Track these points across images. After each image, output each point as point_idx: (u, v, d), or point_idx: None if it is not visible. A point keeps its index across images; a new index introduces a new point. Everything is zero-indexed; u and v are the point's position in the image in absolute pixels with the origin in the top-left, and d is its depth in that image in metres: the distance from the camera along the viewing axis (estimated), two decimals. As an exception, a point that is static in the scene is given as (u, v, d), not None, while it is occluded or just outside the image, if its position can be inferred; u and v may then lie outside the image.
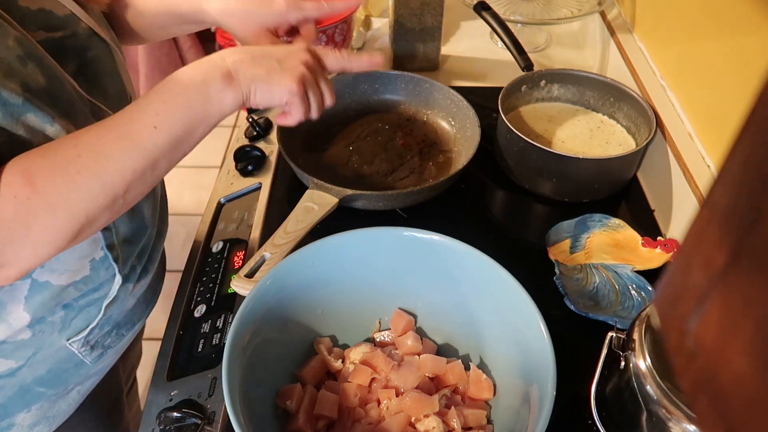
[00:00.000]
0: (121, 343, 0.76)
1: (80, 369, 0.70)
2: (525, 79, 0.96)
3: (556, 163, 0.85)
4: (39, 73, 0.53)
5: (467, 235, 0.64)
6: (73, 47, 0.60)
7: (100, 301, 0.68)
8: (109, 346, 0.73)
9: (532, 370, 0.56)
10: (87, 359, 0.70)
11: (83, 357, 0.70)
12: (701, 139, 0.80)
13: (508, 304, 0.60)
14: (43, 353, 0.66)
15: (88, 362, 0.71)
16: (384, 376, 0.62)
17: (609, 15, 1.13)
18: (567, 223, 0.83)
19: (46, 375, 0.67)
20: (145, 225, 0.71)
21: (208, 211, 0.90)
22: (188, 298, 0.78)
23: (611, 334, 0.56)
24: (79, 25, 0.61)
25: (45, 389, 0.68)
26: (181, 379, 0.69)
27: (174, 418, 0.64)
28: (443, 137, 0.97)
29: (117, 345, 0.75)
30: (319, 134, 0.97)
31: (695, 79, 0.83)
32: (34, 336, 0.64)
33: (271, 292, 0.61)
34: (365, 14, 1.28)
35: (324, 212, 0.77)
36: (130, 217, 0.67)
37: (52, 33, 0.58)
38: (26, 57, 0.52)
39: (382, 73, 1.00)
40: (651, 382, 0.49)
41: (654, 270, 0.76)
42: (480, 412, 0.60)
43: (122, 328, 0.74)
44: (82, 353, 0.69)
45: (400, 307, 0.68)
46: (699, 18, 0.82)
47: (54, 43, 0.58)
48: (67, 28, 0.60)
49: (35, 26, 0.56)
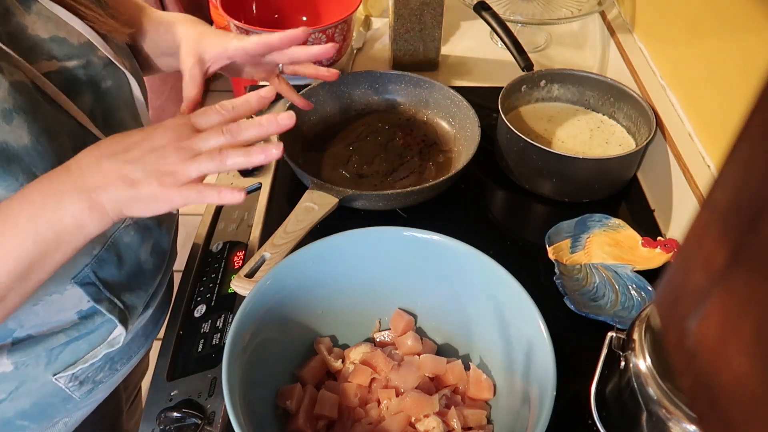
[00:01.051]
0: (114, 378, 0.73)
1: (67, 404, 0.68)
2: (525, 79, 0.96)
3: (556, 163, 0.85)
4: (25, 128, 0.50)
5: (467, 235, 0.64)
6: (87, 77, 0.58)
7: (94, 339, 0.66)
8: (101, 381, 0.71)
9: (532, 370, 0.56)
10: (75, 394, 0.68)
11: (71, 392, 0.67)
12: (701, 139, 0.80)
13: (508, 304, 0.60)
14: (26, 387, 0.63)
15: (76, 397, 0.68)
16: (384, 376, 0.62)
17: (609, 15, 1.13)
18: (567, 223, 0.82)
19: (30, 409, 0.65)
20: (141, 268, 0.68)
21: (208, 211, 0.90)
22: (188, 298, 0.78)
23: (611, 334, 0.56)
24: (95, 53, 0.59)
25: (27, 422, 0.66)
26: (181, 379, 0.69)
27: (174, 418, 0.64)
28: (443, 137, 0.97)
29: (110, 380, 0.72)
30: (319, 134, 0.97)
31: (695, 79, 0.83)
32: (17, 369, 0.61)
33: (271, 292, 0.61)
34: (365, 14, 1.28)
35: (324, 212, 0.77)
36: (119, 265, 0.64)
37: (65, 62, 0.56)
38: (13, 111, 0.49)
39: (382, 73, 1.00)
40: (651, 382, 0.49)
41: (654, 270, 0.76)
42: (480, 412, 0.60)
43: (116, 363, 0.71)
44: (69, 388, 0.67)
45: (400, 307, 0.68)
46: (699, 18, 0.82)
47: (67, 73, 0.56)
48: (82, 57, 0.57)
49: (47, 55, 0.54)
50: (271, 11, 1.13)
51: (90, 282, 0.61)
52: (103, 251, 0.62)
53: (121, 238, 0.64)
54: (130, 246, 0.66)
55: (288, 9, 1.15)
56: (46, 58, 0.54)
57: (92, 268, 0.61)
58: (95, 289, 0.62)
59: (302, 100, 0.84)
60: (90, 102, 0.59)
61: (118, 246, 0.64)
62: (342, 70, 1.12)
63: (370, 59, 1.18)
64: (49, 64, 0.54)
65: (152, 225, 0.70)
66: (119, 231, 0.64)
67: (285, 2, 1.14)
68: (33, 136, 0.51)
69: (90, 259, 0.61)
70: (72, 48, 0.57)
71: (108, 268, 0.63)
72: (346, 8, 1.03)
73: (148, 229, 0.69)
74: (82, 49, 0.58)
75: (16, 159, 0.50)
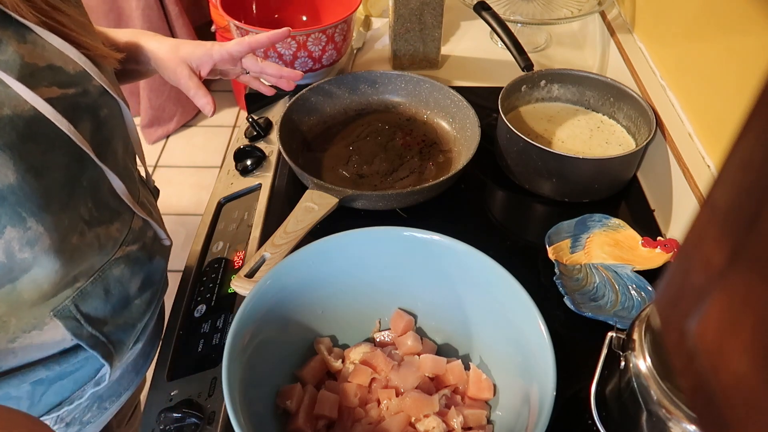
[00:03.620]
0: (103, 417, 0.71)
1: None
2: (525, 79, 0.96)
3: (556, 163, 0.85)
4: (11, 166, 0.50)
5: (467, 235, 0.64)
6: (86, 105, 0.58)
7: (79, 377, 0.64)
8: (89, 422, 0.69)
9: (532, 370, 0.56)
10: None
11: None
12: (701, 139, 0.80)
13: (508, 304, 0.60)
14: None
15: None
16: (384, 376, 0.62)
17: (609, 15, 1.13)
18: (567, 223, 0.82)
19: None
20: (129, 303, 0.67)
21: (208, 211, 0.90)
22: (188, 298, 0.78)
23: (611, 334, 0.56)
24: (90, 83, 0.59)
25: None
26: (181, 379, 0.69)
27: (174, 418, 0.64)
28: (443, 137, 0.97)
29: (99, 419, 0.70)
30: (319, 134, 0.98)
31: (695, 79, 0.83)
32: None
33: (271, 292, 0.61)
34: (365, 14, 1.28)
35: (324, 212, 0.77)
36: (105, 299, 0.63)
37: (65, 90, 0.56)
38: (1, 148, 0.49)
39: (382, 73, 1.00)
40: (651, 382, 0.49)
41: (654, 270, 0.76)
42: (480, 412, 0.60)
43: (105, 402, 0.70)
44: (55, 429, 0.65)
45: (400, 307, 0.68)
46: (699, 18, 0.82)
47: (69, 100, 0.56)
48: (79, 86, 0.57)
49: (47, 81, 0.54)
50: (271, 11, 1.13)
51: (70, 316, 0.60)
52: (88, 284, 0.61)
53: (111, 272, 0.63)
54: (119, 280, 0.65)
55: (288, 9, 1.15)
56: (47, 84, 0.54)
57: (74, 302, 0.60)
58: (76, 323, 0.61)
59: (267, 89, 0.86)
60: (90, 129, 0.58)
61: (106, 280, 0.63)
62: (342, 70, 1.12)
63: (370, 59, 1.18)
64: (49, 90, 0.54)
65: (143, 258, 0.69)
66: (108, 263, 0.63)
67: (285, 2, 1.14)
68: (19, 174, 0.50)
69: (72, 292, 0.60)
70: (69, 76, 0.56)
71: (92, 301, 0.62)
72: (346, 8, 1.03)
73: (139, 262, 0.68)
74: (78, 77, 0.57)
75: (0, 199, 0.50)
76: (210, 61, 0.75)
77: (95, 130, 0.59)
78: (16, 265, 0.54)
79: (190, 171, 2.38)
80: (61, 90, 0.55)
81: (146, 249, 0.69)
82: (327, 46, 1.00)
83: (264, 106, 1.07)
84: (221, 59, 0.76)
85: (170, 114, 2.46)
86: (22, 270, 0.54)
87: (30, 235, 0.53)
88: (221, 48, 0.75)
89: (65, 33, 0.56)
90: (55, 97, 0.54)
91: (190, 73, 0.74)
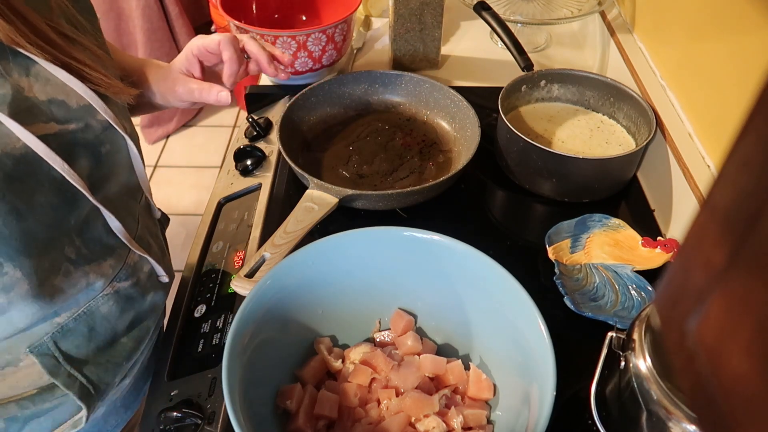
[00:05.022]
0: None
1: None
2: (525, 79, 0.96)
3: (556, 163, 0.85)
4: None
5: (467, 235, 0.64)
6: (86, 141, 0.56)
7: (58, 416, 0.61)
8: None
9: (532, 370, 0.56)
10: None
11: None
12: (701, 139, 0.80)
13: (508, 304, 0.60)
14: None
15: None
16: (384, 376, 0.62)
17: (609, 15, 1.13)
18: (567, 223, 0.82)
19: None
20: (115, 342, 0.64)
21: (208, 211, 0.90)
22: (188, 298, 0.78)
23: (611, 334, 0.56)
24: (93, 116, 0.56)
25: None
26: (181, 379, 0.69)
27: (174, 418, 0.64)
28: (443, 137, 0.97)
29: None
30: (319, 134, 0.98)
31: (695, 79, 0.83)
32: None
33: (271, 292, 0.61)
34: (365, 14, 1.28)
35: (324, 212, 0.77)
36: (88, 337, 0.61)
37: (65, 125, 0.53)
38: None
39: (382, 73, 1.00)
40: (651, 382, 0.49)
41: (654, 270, 0.76)
42: (480, 412, 0.60)
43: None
44: None
45: (400, 307, 0.68)
46: (699, 18, 0.82)
47: (67, 137, 0.53)
48: (81, 120, 0.55)
49: (45, 117, 0.52)
50: (271, 11, 1.13)
51: (48, 353, 0.58)
52: (70, 321, 0.59)
53: (98, 309, 0.61)
54: (106, 317, 0.62)
55: (288, 9, 1.15)
56: (44, 120, 0.51)
57: (53, 338, 0.58)
58: (53, 361, 0.58)
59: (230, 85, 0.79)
60: (87, 167, 0.56)
61: (92, 317, 0.61)
62: (342, 70, 1.12)
63: (370, 59, 1.18)
64: (46, 126, 0.51)
65: (136, 295, 0.66)
66: (95, 300, 0.61)
67: (285, 2, 1.14)
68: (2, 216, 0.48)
69: (52, 328, 0.58)
70: (70, 111, 0.54)
71: (73, 339, 0.59)
72: (346, 8, 1.03)
73: (130, 300, 0.65)
74: (81, 112, 0.55)
75: None
76: (192, 59, 0.72)
77: (94, 166, 0.57)
78: None
79: (190, 171, 2.38)
80: (59, 126, 0.53)
81: (140, 285, 0.66)
82: (327, 46, 1.00)
83: (264, 106, 1.07)
84: (200, 53, 0.72)
85: (170, 114, 2.46)
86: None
87: (6, 281, 0.50)
88: (200, 42, 0.72)
89: (73, 67, 0.54)
90: (51, 133, 0.52)
91: (186, 78, 0.72)
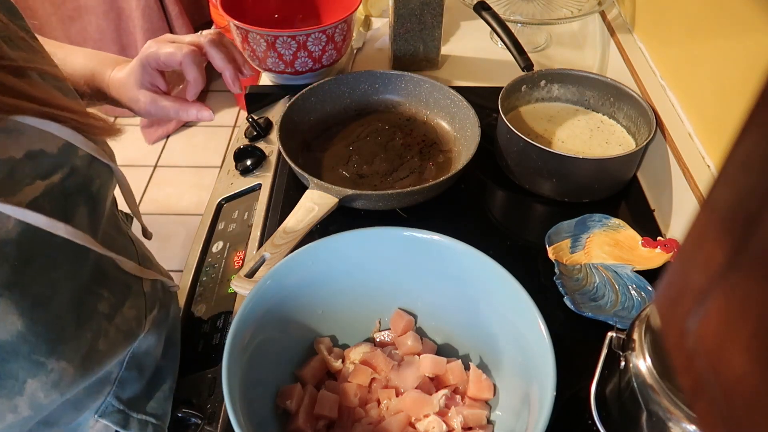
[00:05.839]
0: None
1: None
2: (525, 79, 0.96)
3: (556, 163, 0.85)
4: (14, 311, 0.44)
5: (467, 235, 0.64)
6: (77, 186, 0.51)
7: None
8: None
9: (532, 370, 0.56)
10: None
11: None
12: (701, 139, 0.80)
13: (508, 304, 0.60)
14: None
15: None
16: (384, 376, 0.62)
17: (609, 15, 1.13)
18: (567, 223, 0.82)
19: None
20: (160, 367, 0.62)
21: (208, 211, 0.90)
22: (188, 298, 0.78)
23: (611, 334, 0.56)
24: (76, 155, 0.51)
25: None
26: (181, 379, 0.69)
27: (174, 418, 0.64)
28: (443, 137, 0.97)
29: None
30: (319, 134, 0.98)
31: (695, 79, 0.83)
32: None
33: (271, 292, 0.61)
34: (365, 14, 1.28)
35: (324, 212, 0.77)
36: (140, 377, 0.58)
37: (50, 179, 0.48)
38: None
39: (382, 73, 1.00)
40: (651, 382, 0.49)
41: (654, 270, 0.76)
42: (480, 412, 0.60)
43: None
44: None
45: (400, 307, 0.68)
46: (699, 18, 0.82)
47: (57, 190, 0.48)
48: (65, 166, 0.49)
49: (29, 177, 0.46)
50: (271, 11, 1.13)
51: (115, 410, 0.56)
52: (123, 371, 0.57)
53: (139, 348, 0.59)
54: (148, 352, 0.61)
55: (288, 9, 1.15)
56: (29, 182, 0.46)
57: (115, 394, 0.56)
58: (121, 415, 0.56)
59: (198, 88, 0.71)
60: (86, 213, 0.52)
61: (137, 357, 0.59)
62: (342, 70, 1.12)
63: (370, 59, 1.18)
64: (33, 188, 0.46)
65: (164, 316, 0.64)
66: (138, 341, 0.59)
67: (285, 2, 1.14)
68: (25, 315, 0.44)
69: (111, 386, 0.55)
70: (51, 158, 0.48)
71: (130, 386, 0.57)
72: (346, 8, 1.03)
73: (162, 324, 0.64)
74: (62, 155, 0.49)
75: (12, 355, 0.43)
76: (153, 73, 0.66)
77: (91, 210, 0.53)
78: (45, 408, 0.49)
79: (190, 171, 2.38)
80: (45, 182, 0.47)
81: (163, 305, 0.65)
82: (327, 46, 1.00)
83: (264, 106, 1.07)
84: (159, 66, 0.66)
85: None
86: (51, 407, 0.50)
87: (54, 377, 0.47)
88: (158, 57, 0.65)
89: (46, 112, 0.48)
90: (40, 194, 0.46)
91: (154, 96, 0.66)
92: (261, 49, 0.99)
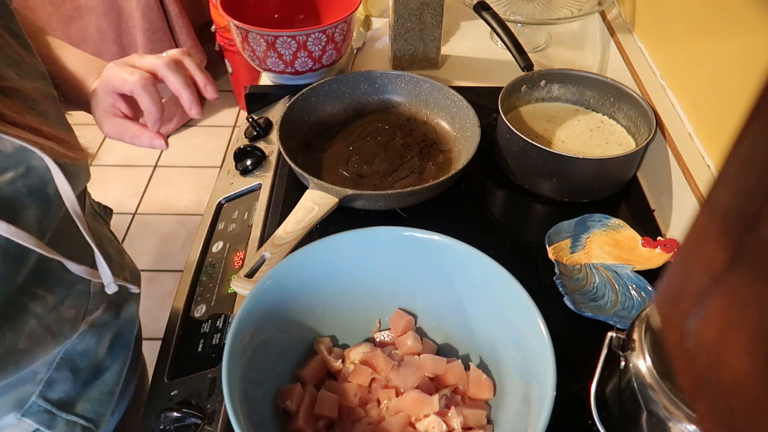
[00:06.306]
0: None
1: None
2: (525, 79, 0.96)
3: (556, 163, 0.85)
4: None
5: (467, 235, 0.64)
6: (30, 188, 0.49)
7: None
8: None
9: (532, 370, 0.56)
10: None
11: None
12: (701, 139, 0.80)
13: (508, 304, 0.60)
14: None
15: None
16: (384, 376, 0.62)
17: (609, 15, 1.13)
18: (567, 223, 0.82)
19: None
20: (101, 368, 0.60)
21: (208, 211, 0.90)
22: (188, 298, 0.78)
23: (611, 334, 0.56)
24: (33, 157, 0.49)
25: None
26: (181, 379, 0.69)
27: (174, 418, 0.64)
28: (443, 137, 0.97)
29: None
30: (319, 134, 0.97)
31: (695, 79, 0.83)
32: None
33: (271, 292, 0.61)
34: (365, 14, 1.28)
35: (324, 212, 0.77)
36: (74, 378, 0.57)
37: (2, 177, 0.47)
38: None
39: (382, 73, 1.00)
40: (651, 382, 0.49)
41: (654, 270, 0.76)
42: (480, 412, 0.60)
43: None
44: None
45: (400, 307, 0.68)
46: (699, 18, 0.82)
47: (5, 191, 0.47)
48: (20, 165, 0.48)
49: None
50: (271, 11, 1.13)
51: (40, 410, 0.55)
52: (51, 372, 0.56)
53: (75, 349, 0.58)
54: (85, 353, 0.59)
55: (288, 9, 1.15)
56: None
57: (41, 395, 0.55)
58: (48, 415, 0.55)
59: None
60: (36, 216, 0.50)
61: (72, 359, 0.58)
62: (342, 70, 1.12)
63: (370, 59, 1.18)
64: None
65: (110, 318, 0.62)
66: (72, 342, 0.58)
67: (285, 2, 1.14)
68: None
69: (36, 386, 0.55)
70: (5, 158, 0.47)
71: (60, 386, 0.56)
72: (346, 8, 1.03)
73: (106, 325, 0.62)
74: (17, 155, 0.48)
75: None
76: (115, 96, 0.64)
77: (43, 212, 0.51)
78: None
79: (190, 171, 2.38)
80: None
81: (112, 306, 0.63)
82: (327, 46, 1.00)
83: (264, 106, 1.07)
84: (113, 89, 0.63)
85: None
86: None
87: None
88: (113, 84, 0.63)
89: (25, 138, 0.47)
90: None
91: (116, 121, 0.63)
92: (261, 49, 0.99)
